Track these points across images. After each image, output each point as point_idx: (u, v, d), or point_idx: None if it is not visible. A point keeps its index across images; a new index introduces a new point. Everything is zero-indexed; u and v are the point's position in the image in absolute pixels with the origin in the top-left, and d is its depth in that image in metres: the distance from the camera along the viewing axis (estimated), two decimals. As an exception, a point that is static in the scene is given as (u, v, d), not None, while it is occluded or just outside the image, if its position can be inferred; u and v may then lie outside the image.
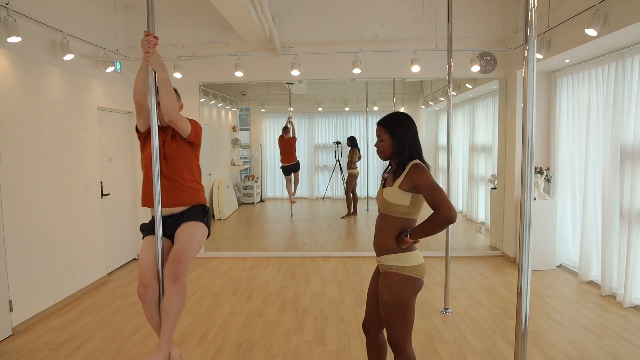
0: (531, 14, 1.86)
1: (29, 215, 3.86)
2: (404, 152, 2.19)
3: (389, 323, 2.19)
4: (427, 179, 2.10)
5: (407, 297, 2.16)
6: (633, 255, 3.96)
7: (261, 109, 7.86)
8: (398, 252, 2.18)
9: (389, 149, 2.23)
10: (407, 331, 2.18)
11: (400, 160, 2.21)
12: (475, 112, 7.15)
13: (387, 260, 2.21)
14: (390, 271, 2.19)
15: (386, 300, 2.17)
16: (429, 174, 2.13)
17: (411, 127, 2.22)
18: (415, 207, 2.18)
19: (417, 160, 2.19)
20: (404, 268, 2.16)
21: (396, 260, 2.18)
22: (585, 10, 3.91)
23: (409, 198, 2.15)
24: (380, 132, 2.25)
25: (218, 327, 3.75)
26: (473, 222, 7.11)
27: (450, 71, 3.97)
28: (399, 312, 2.15)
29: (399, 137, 2.20)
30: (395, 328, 2.17)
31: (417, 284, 2.19)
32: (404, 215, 2.17)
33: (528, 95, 1.87)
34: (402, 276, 2.16)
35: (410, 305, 2.17)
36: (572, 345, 3.35)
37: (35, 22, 3.96)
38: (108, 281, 5.05)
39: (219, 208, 7.23)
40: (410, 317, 2.18)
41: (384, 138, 2.23)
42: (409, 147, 2.19)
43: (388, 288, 2.18)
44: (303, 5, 5.65)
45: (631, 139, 4.05)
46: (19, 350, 3.37)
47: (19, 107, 3.79)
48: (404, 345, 2.18)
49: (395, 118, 2.24)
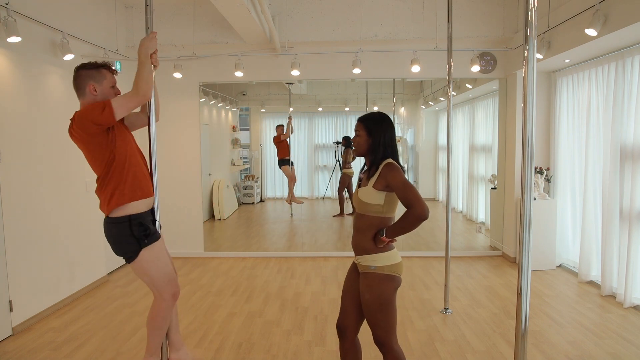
0: (531, 14, 1.86)
1: (29, 215, 3.86)
2: (378, 151, 2.24)
3: (374, 323, 2.22)
4: (399, 178, 2.14)
5: (388, 295, 2.21)
6: (633, 255, 3.96)
7: (261, 109, 7.87)
8: (375, 253, 2.22)
9: (364, 146, 2.28)
10: (391, 328, 2.23)
11: (374, 159, 2.26)
12: (475, 112, 7.15)
13: (365, 260, 2.25)
14: (369, 271, 2.23)
15: (368, 300, 2.22)
16: (401, 173, 2.18)
17: (389, 128, 2.28)
18: (390, 205, 2.23)
19: (390, 160, 2.23)
20: (382, 268, 2.21)
21: (374, 261, 2.22)
22: (585, 10, 3.91)
23: (383, 197, 2.20)
24: (359, 128, 2.30)
25: (218, 327, 3.75)
26: (473, 222, 7.11)
27: (450, 71, 3.97)
28: (382, 311, 2.20)
29: (375, 135, 2.25)
30: (381, 327, 2.21)
31: (396, 281, 2.25)
32: (380, 214, 2.22)
33: (528, 95, 1.87)
34: (381, 275, 2.21)
35: (392, 303, 2.22)
36: (572, 345, 3.35)
37: (35, 22, 3.96)
38: (108, 281, 5.05)
39: (219, 208, 7.23)
40: (393, 314, 2.23)
41: (360, 134, 2.29)
42: (384, 146, 2.24)
43: (369, 288, 2.22)
44: (303, 5, 5.65)
45: (631, 139, 4.04)
46: (19, 350, 3.37)
47: (19, 107, 3.79)
48: (390, 343, 2.23)
49: (374, 117, 2.30)
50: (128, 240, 2.34)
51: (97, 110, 2.23)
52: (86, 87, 2.37)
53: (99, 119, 2.23)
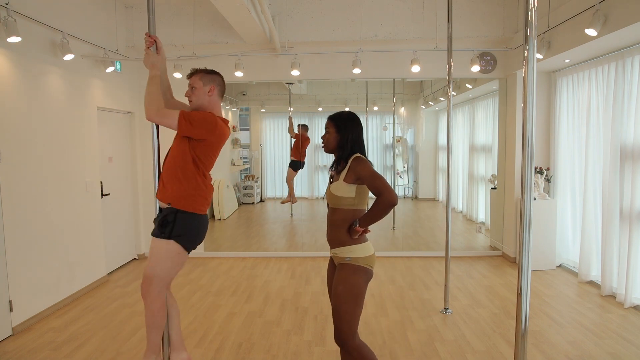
0: (531, 14, 1.86)
1: (29, 215, 3.86)
2: (346, 147, 2.35)
3: (340, 315, 2.26)
4: (367, 169, 2.25)
5: (361, 286, 2.29)
6: (633, 255, 3.96)
7: (261, 109, 7.87)
8: (350, 245, 2.31)
9: (333, 142, 2.39)
10: (354, 322, 2.27)
11: (342, 154, 2.37)
12: (475, 112, 7.15)
13: (341, 252, 2.33)
14: (345, 263, 2.31)
15: (341, 291, 2.27)
16: (369, 165, 2.29)
17: (357, 126, 2.39)
18: (361, 197, 2.32)
19: (358, 154, 2.34)
20: (357, 259, 2.30)
21: (350, 252, 2.31)
22: (585, 10, 3.91)
23: (354, 189, 2.29)
24: (328, 126, 2.42)
25: (218, 327, 3.75)
26: (473, 222, 7.11)
27: (450, 71, 3.97)
28: (352, 302, 2.25)
29: (343, 132, 2.36)
30: (345, 320, 2.25)
31: (369, 274, 2.33)
32: (352, 207, 2.31)
33: (528, 95, 1.87)
34: (356, 267, 2.30)
35: (362, 295, 2.29)
36: (572, 345, 3.35)
37: (35, 22, 3.96)
38: (108, 281, 5.05)
39: (219, 208, 7.23)
40: (360, 307, 2.29)
41: (330, 131, 2.40)
42: (351, 142, 2.35)
43: (343, 279, 2.29)
44: (303, 5, 5.65)
45: (631, 139, 4.05)
46: (19, 350, 3.37)
47: (19, 107, 3.79)
48: (352, 337, 2.25)
49: (343, 115, 2.41)
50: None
51: None
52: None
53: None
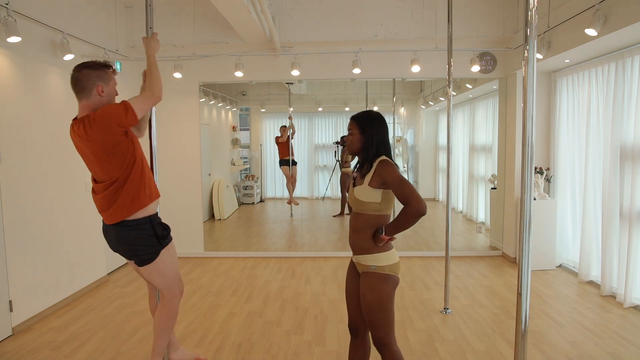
0: (531, 14, 1.86)
1: (29, 215, 3.86)
2: (371, 149, 2.24)
3: (374, 323, 2.21)
4: (394, 174, 2.14)
5: (389, 294, 2.21)
6: (633, 255, 3.96)
7: (261, 109, 7.86)
8: (375, 252, 2.22)
9: (357, 144, 2.28)
10: (391, 329, 2.23)
11: (367, 156, 2.26)
12: (475, 112, 7.15)
13: (365, 260, 2.25)
14: (370, 271, 2.23)
15: (369, 300, 2.21)
16: (396, 169, 2.16)
17: (382, 126, 2.28)
18: (387, 202, 2.22)
19: (384, 157, 2.22)
20: (382, 267, 2.21)
21: (374, 260, 2.22)
22: (585, 10, 3.91)
23: (379, 194, 2.19)
24: (351, 127, 2.30)
25: (218, 327, 3.75)
26: (473, 222, 7.11)
27: (450, 71, 3.97)
28: (383, 310, 2.20)
29: (368, 133, 2.25)
30: (381, 327, 2.20)
31: (396, 281, 2.26)
32: (377, 212, 2.21)
33: (528, 95, 1.87)
34: (382, 275, 2.21)
35: (392, 303, 2.23)
36: (572, 345, 3.35)
37: (35, 22, 3.96)
38: (108, 281, 5.05)
39: (219, 208, 7.23)
40: (392, 314, 2.24)
41: (353, 132, 2.29)
42: (377, 144, 2.24)
43: (370, 288, 2.22)
44: (303, 5, 5.65)
45: (631, 139, 4.04)
46: (19, 350, 3.37)
47: (19, 107, 3.79)
48: (390, 343, 2.22)
49: (367, 115, 2.30)
50: (149, 242, 2.29)
51: (121, 112, 2.16)
52: (93, 88, 2.25)
53: (124, 121, 2.16)
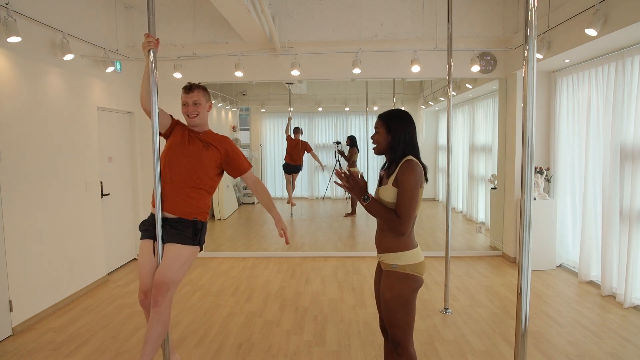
0: (531, 14, 1.86)
1: (29, 215, 3.86)
2: (398, 149, 2.19)
3: (392, 321, 2.20)
4: (408, 181, 2.10)
5: (408, 295, 2.18)
6: (633, 255, 3.96)
7: (261, 109, 7.86)
8: (398, 251, 2.19)
9: (383, 143, 2.24)
10: (409, 329, 2.20)
11: (394, 156, 2.21)
12: (475, 112, 7.15)
13: (387, 258, 2.23)
14: (391, 270, 2.21)
15: (388, 299, 2.19)
16: (414, 176, 2.11)
17: (410, 126, 2.22)
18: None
19: (411, 157, 2.17)
20: (404, 267, 2.18)
21: (396, 260, 2.19)
22: (585, 10, 3.91)
23: None
24: (378, 125, 2.26)
25: (218, 327, 3.75)
26: (473, 222, 7.11)
27: (450, 71, 3.97)
28: (401, 310, 2.17)
29: (395, 132, 2.20)
30: (398, 326, 2.18)
31: (418, 281, 2.21)
32: None
33: (528, 95, 1.87)
34: (402, 274, 2.18)
35: (411, 303, 2.19)
36: (572, 345, 3.35)
37: (35, 22, 3.96)
38: (108, 281, 5.05)
39: (219, 208, 7.23)
40: (412, 315, 2.20)
41: (379, 131, 2.25)
42: (404, 144, 2.19)
43: (389, 287, 2.20)
44: (303, 5, 5.65)
45: (631, 139, 4.04)
46: (19, 350, 3.37)
47: (19, 107, 3.79)
48: (406, 343, 2.20)
49: (394, 114, 2.25)
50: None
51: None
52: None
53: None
